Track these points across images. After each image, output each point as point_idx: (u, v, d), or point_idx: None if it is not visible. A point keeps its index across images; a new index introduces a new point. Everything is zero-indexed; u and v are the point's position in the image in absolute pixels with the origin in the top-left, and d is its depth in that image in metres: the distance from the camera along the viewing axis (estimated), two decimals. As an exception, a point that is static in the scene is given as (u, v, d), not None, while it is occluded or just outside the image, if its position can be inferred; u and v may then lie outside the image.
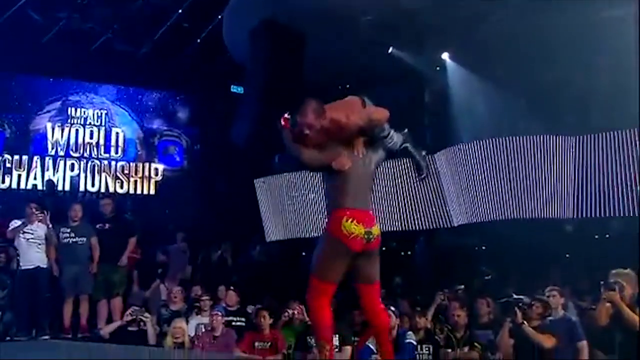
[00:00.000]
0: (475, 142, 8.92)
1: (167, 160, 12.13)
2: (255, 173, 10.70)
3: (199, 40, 11.47)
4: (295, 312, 6.69)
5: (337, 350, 5.81)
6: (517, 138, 8.11)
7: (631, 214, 7.40)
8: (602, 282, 5.21)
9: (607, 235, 9.96)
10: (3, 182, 11.02)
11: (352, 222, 3.37)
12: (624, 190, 7.50)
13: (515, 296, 5.93)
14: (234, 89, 12.31)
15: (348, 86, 11.92)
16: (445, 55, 10.20)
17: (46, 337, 6.88)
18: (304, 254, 12.04)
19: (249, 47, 10.93)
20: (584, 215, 7.97)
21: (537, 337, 5.28)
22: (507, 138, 8.16)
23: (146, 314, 6.63)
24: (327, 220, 3.53)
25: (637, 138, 6.92)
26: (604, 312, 5.05)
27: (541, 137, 7.75)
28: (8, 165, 11.07)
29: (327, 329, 3.47)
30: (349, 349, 5.82)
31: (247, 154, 11.13)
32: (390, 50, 10.03)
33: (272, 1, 9.75)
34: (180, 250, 9.08)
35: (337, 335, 5.89)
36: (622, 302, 4.90)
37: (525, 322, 5.35)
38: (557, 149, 7.71)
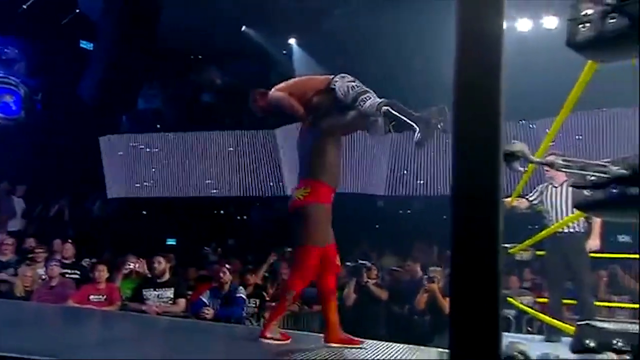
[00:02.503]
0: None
1: (1, 107, 10.75)
2: (100, 130, 9.98)
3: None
4: (135, 265, 6.43)
5: (171, 302, 5.67)
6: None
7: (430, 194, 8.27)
8: (425, 276, 6.13)
9: (409, 211, 10.91)
10: None
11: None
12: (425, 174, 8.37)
13: (360, 261, 6.73)
14: (83, 44, 11.27)
15: (200, 57, 11.56)
16: (292, 41, 10.25)
17: None
18: (144, 212, 11.57)
19: (102, 5, 10.06)
20: (393, 193, 8.70)
21: (377, 292, 6.17)
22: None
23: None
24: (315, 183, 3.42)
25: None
26: (422, 299, 5.93)
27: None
28: None
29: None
30: (183, 301, 5.68)
31: (92, 111, 10.29)
32: (243, 28, 9.83)
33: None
34: (4, 194, 8.14)
35: (172, 289, 5.74)
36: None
37: (369, 280, 6.22)
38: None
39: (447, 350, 1.20)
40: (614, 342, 1.44)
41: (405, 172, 8.55)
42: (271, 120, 10.10)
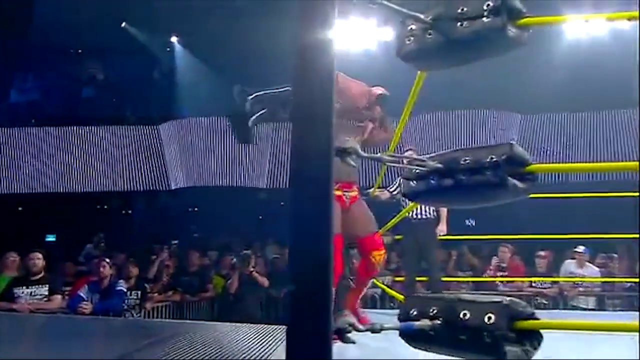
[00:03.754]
0: (197, 119, 9.15)
1: None
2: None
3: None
4: (13, 259, 5.89)
5: (46, 299, 5.28)
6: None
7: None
8: (232, 258, 6.32)
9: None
10: None
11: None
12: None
13: (244, 251, 6.65)
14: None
15: (80, 51, 10.80)
16: (174, 39, 9.93)
17: None
18: (20, 208, 10.62)
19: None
20: (275, 185, 8.79)
21: (259, 279, 6.14)
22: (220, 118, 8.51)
23: None
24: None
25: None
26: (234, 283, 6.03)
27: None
28: None
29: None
30: (58, 297, 5.31)
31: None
32: (123, 25, 9.34)
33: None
34: None
35: (46, 286, 5.35)
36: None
37: (253, 269, 6.16)
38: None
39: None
40: (431, 310, 1.57)
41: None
42: (154, 116, 9.75)
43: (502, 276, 6.36)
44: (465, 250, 7.23)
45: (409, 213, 4.67)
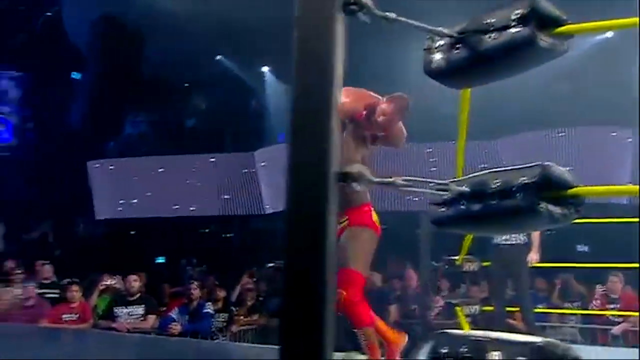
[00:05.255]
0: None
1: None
2: (88, 155, 10.00)
3: (38, 24, 10.39)
4: (111, 282, 6.39)
5: (142, 319, 5.63)
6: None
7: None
8: None
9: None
10: None
11: (373, 211, 3.05)
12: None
13: None
14: (74, 75, 11.38)
15: (187, 85, 11.68)
16: (265, 69, 10.40)
17: None
18: (132, 232, 11.54)
19: (90, 38, 10.21)
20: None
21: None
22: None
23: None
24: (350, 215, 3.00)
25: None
26: None
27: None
28: None
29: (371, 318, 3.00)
30: (152, 317, 5.64)
31: (80, 137, 10.34)
32: (218, 58, 9.97)
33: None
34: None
35: (143, 306, 5.71)
36: None
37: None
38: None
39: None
40: (461, 349, 1.46)
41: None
42: (249, 142, 10.19)
43: (613, 309, 5.74)
44: (571, 279, 6.63)
45: (497, 237, 4.38)
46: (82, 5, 9.88)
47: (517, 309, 4.80)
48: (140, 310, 5.71)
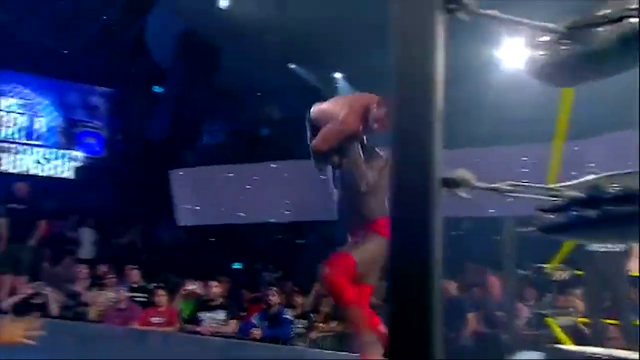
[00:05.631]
0: None
1: (86, 148, 11.56)
2: (170, 165, 10.45)
3: (122, 41, 11.01)
4: (193, 287, 6.61)
5: (223, 324, 5.78)
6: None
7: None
8: None
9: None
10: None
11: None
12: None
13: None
14: (155, 89, 11.97)
15: (259, 94, 11.95)
16: (337, 75, 10.42)
17: None
18: (211, 239, 11.92)
19: (170, 53, 10.71)
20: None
21: None
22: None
23: (47, 288, 6.30)
24: (374, 223, 2.98)
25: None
26: None
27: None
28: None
29: (352, 298, 2.89)
30: (233, 322, 5.77)
31: (163, 148, 10.83)
32: (291, 66, 10.10)
33: (190, 14, 9.58)
34: (90, 229, 8.61)
35: (225, 311, 5.86)
36: None
37: None
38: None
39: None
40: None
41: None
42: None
43: None
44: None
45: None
46: (163, 22, 10.37)
47: (616, 321, 4.47)
48: (222, 315, 5.86)
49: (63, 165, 11.28)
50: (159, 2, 9.88)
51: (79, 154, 11.46)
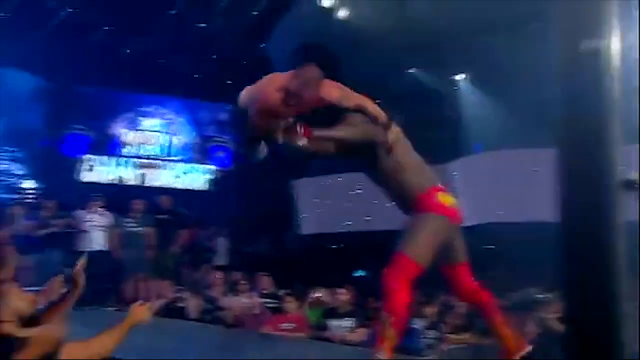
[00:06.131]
0: (488, 152, 8.91)
1: (217, 162, 12.36)
2: (293, 174, 10.77)
3: (244, 62, 11.62)
4: (320, 295, 6.68)
5: (351, 331, 5.74)
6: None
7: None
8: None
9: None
10: (88, 176, 11.32)
11: (444, 194, 2.96)
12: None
13: (536, 295, 5.94)
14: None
15: (378, 101, 11.93)
16: (459, 77, 10.05)
17: (111, 308, 7.18)
18: (334, 246, 12.05)
19: (291, 66, 11.03)
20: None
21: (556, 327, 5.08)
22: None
23: (187, 293, 6.79)
24: (414, 202, 2.99)
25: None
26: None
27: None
28: (91, 163, 11.42)
29: (402, 310, 2.90)
30: (362, 330, 5.72)
31: (286, 158, 11.16)
32: (411, 70, 9.95)
33: (310, 28, 9.83)
34: (225, 237, 9.11)
35: (352, 319, 5.83)
36: None
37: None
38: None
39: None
40: None
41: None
42: (443, 154, 9.92)
43: None
44: None
45: None
46: (284, 36, 10.76)
47: None
48: (350, 322, 5.83)
49: (198, 178, 12.16)
50: (280, 23, 10.27)
51: (211, 167, 12.29)
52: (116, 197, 9.08)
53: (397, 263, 2.89)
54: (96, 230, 7.52)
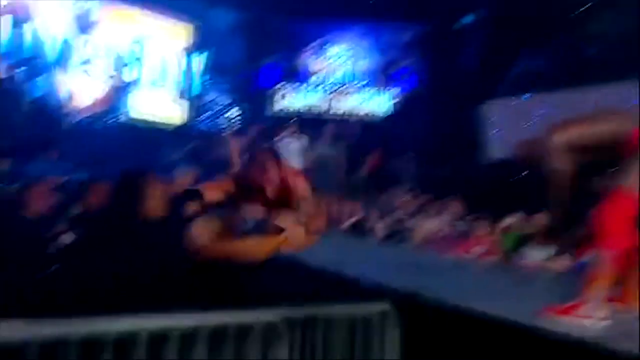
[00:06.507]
0: None
1: (402, 85, 12.18)
2: (484, 95, 10.11)
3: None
4: (515, 220, 6.34)
5: (551, 260, 5.37)
6: None
7: None
8: None
9: None
10: (278, 107, 12.13)
11: None
12: None
13: None
14: (465, 20, 11.62)
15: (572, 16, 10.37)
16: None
17: None
18: (524, 173, 11.20)
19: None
20: None
21: None
22: None
23: (375, 214, 7.01)
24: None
25: None
26: None
27: None
28: (284, 92, 12.15)
29: (619, 251, 2.73)
30: (562, 259, 5.31)
31: (475, 78, 10.54)
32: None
33: None
34: (412, 161, 9.03)
35: (552, 246, 5.43)
36: None
37: None
38: None
39: None
40: None
41: None
42: None
43: None
44: None
45: None
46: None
47: None
48: (549, 251, 5.45)
49: (385, 102, 12.18)
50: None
51: (397, 90, 12.17)
52: (307, 123, 9.58)
53: (614, 199, 2.69)
54: (291, 154, 8.06)
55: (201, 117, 12.15)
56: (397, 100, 12.11)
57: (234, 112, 12.04)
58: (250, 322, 2.32)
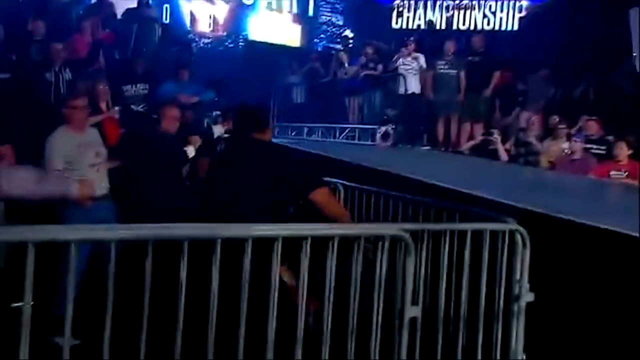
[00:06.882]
0: None
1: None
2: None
3: None
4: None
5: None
6: None
7: None
8: None
9: None
10: (396, 23, 11.62)
11: None
12: None
13: None
14: None
15: None
16: None
17: (425, 147, 7.69)
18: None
19: None
20: None
21: None
22: None
23: (495, 136, 6.69)
24: None
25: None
26: None
27: None
28: (401, 9, 11.58)
29: None
30: None
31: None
32: None
33: None
34: (540, 80, 8.29)
35: None
36: None
37: None
38: None
39: None
40: None
41: None
42: None
43: None
44: None
45: None
46: None
47: None
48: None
49: (509, 17, 11.16)
50: None
51: (524, 3, 11.06)
52: (427, 40, 9.14)
53: None
54: (410, 73, 7.85)
55: (317, 38, 12.09)
56: (523, 13, 11.03)
57: (350, 32, 11.81)
58: (381, 233, 2.39)
